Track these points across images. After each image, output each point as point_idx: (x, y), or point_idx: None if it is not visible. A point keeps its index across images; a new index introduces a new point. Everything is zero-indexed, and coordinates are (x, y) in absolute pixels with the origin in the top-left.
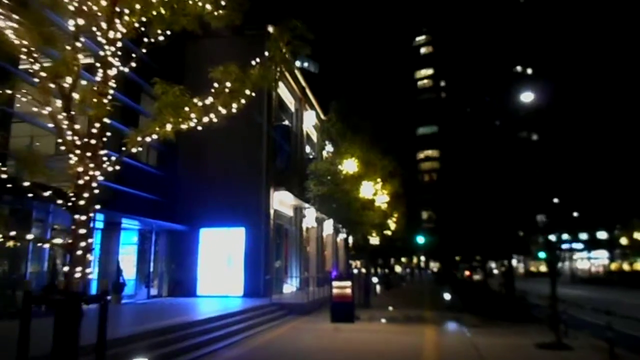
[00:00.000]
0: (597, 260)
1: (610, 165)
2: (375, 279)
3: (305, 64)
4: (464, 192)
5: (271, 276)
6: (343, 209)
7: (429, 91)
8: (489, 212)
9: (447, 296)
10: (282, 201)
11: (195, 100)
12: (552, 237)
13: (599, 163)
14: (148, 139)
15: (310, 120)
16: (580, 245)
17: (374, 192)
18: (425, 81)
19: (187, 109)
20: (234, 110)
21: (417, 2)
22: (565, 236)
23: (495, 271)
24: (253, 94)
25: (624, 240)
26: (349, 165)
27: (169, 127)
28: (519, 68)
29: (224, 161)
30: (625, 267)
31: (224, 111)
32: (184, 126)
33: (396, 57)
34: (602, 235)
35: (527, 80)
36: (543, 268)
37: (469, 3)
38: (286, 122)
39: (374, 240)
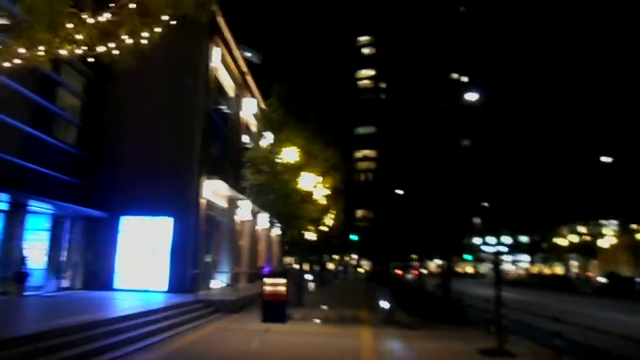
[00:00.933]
0: (520, 264)
1: (536, 173)
2: (309, 276)
3: (248, 54)
4: (400, 193)
5: (199, 270)
6: (280, 201)
7: (369, 92)
8: (425, 213)
9: (384, 304)
10: (215, 191)
11: (83, 16)
12: (481, 240)
13: (525, 171)
14: (6, 64)
15: (250, 109)
16: (504, 249)
17: (314, 185)
18: (366, 81)
19: (70, 25)
20: (144, 42)
21: (361, 2)
22: (492, 239)
23: (423, 271)
24: (173, 22)
25: (544, 245)
26: (289, 154)
27: (41, 49)
28: (455, 75)
29: (152, 145)
30: (546, 270)
31: (129, 40)
32: (63, 52)
33: (338, 55)
34: (524, 239)
35: (463, 88)
36: (469, 269)
37: (413, 9)
38: (224, 107)
39: (310, 235)
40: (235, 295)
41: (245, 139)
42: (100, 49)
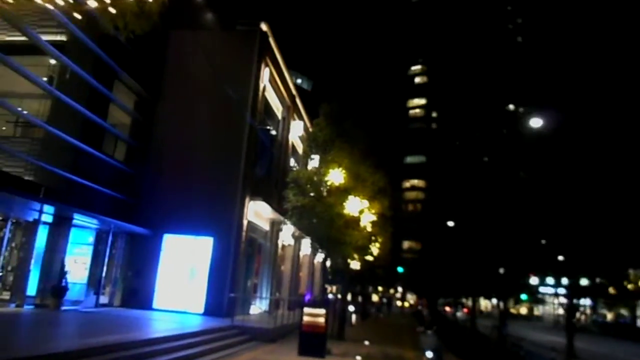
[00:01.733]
0: (580, 308)
1: (602, 209)
2: (351, 308)
3: (299, 80)
4: (451, 224)
5: (237, 295)
6: (324, 225)
7: (420, 121)
8: (479, 248)
9: (429, 354)
10: (258, 213)
11: None
12: (538, 280)
13: (591, 207)
14: None
15: (297, 132)
16: (563, 291)
17: (361, 210)
18: (417, 110)
19: None
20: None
21: (414, 32)
22: (551, 280)
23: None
24: None
25: (610, 289)
26: (336, 176)
27: None
28: (511, 106)
29: (198, 163)
30: (609, 316)
31: None
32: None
33: (390, 83)
34: (584, 281)
35: (519, 119)
36: (522, 310)
37: (466, 39)
38: (271, 128)
39: (355, 264)
40: (273, 323)
41: (291, 161)
42: (92, 3)
